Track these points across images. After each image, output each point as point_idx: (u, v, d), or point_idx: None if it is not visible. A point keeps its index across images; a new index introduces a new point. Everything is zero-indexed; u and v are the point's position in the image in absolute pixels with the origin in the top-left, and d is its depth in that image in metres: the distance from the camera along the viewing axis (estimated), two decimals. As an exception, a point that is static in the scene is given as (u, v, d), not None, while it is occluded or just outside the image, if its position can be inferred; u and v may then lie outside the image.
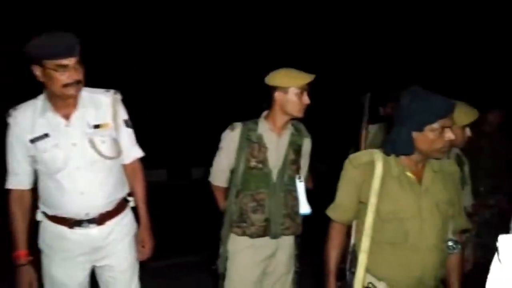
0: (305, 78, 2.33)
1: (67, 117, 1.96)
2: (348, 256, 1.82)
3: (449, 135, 1.69)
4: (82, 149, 1.95)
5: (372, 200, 1.73)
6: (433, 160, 1.80)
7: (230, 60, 10.96)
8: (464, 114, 2.28)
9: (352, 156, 1.86)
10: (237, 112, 3.66)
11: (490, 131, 3.86)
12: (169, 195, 8.13)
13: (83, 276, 2.11)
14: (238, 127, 2.38)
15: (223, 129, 2.47)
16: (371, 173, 1.76)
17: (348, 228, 1.89)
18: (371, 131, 3.69)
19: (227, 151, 2.40)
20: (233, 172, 2.40)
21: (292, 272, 2.49)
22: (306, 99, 2.34)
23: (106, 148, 2.00)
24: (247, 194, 2.34)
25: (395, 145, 1.74)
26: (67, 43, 1.86)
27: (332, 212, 1.89)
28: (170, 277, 4.02)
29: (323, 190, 2.74)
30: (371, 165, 1.77)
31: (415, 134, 1.70)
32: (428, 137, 1.69)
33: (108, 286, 2.16)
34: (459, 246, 1.80)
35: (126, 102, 2.17)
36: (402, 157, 1.78)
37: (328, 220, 1.92)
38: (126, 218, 2.15)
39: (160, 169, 9.56)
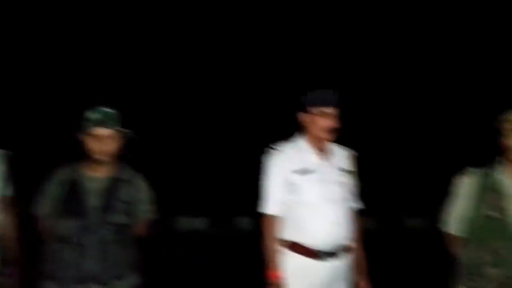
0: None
1: (324, 158, 2.29)
2: None
3: None
4: (333, 186, 2.26)
5: None
6: None
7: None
8: None
9: None
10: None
11: None
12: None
13: None
14: (473, 174, 2.24)
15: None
16: None
17: None
18: None
19: (462, 198, 2.24)
20: (466, 220, 2.21)
21: None
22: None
23: (346, 190, 2.30)
24: (482, 245, 2.14)
25: None
26: (333, 95, 2.26)
27: None
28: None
29: None
30: None
31: None
32: None
33: None
34: None
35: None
36: None
37: None
38: (348, 259, 2.27)
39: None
